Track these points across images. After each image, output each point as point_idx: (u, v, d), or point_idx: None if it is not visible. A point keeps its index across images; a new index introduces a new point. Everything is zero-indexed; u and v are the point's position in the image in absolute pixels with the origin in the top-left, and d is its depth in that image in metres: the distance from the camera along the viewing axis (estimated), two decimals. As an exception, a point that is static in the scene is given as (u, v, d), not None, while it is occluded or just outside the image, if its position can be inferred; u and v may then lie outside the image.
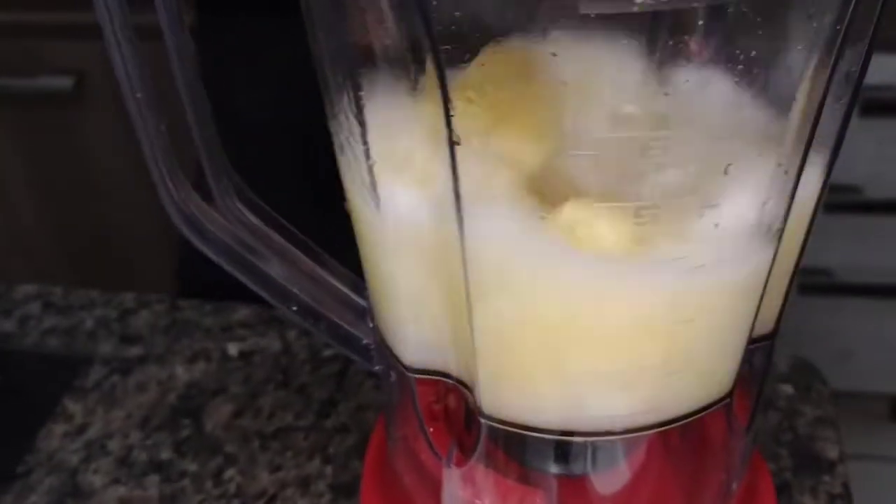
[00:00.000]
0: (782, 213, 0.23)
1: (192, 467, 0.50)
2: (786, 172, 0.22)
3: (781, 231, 0.23)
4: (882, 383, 1.30)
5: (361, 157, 0.23)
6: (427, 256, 0.24)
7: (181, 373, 0.55)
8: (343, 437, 0.51)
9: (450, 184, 0.21)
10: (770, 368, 0.28)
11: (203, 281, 0.61)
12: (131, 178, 0.89)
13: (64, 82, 0.99)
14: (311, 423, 0.52)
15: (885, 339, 1.24)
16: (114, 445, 0.51)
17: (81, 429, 0.52)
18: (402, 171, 0.22)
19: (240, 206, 0.28)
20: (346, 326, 0.31)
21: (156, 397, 0.54)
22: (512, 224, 0.21)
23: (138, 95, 0.25)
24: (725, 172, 0.21)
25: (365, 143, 0.22)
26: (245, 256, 0.29)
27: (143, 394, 0.54)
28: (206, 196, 0.28)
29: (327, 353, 0.56)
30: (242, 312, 0.59)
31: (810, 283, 1.12)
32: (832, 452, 0.49)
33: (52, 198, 1.05)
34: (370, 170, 0.23)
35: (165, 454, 0.51)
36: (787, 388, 0.53)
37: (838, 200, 1.01)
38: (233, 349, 0.57)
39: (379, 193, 0.23)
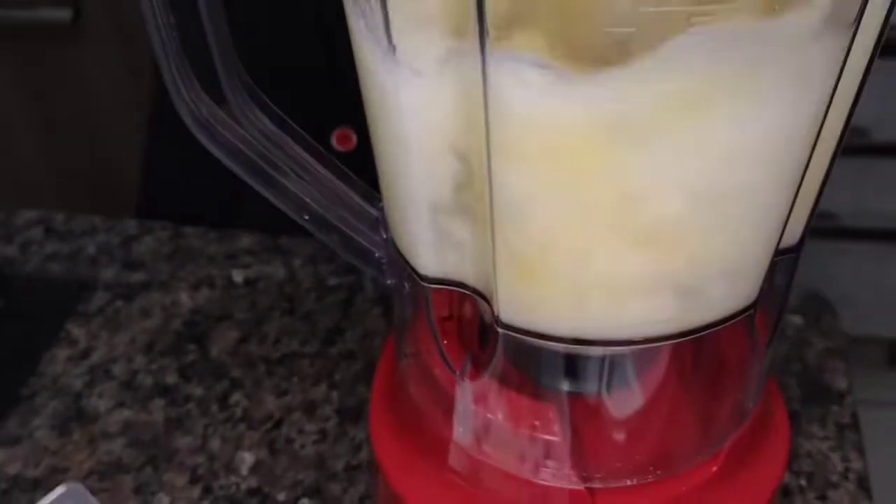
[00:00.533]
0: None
1: (198, 391, 0.49)
2: None
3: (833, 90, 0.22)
4: (881, 328, 1.30)
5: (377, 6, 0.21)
6: (446, 133, 0.23)
7: (185, 299, 0.55)
8: (349, 364, 0.51)
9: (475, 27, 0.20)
10: (792, 283, 0.28)
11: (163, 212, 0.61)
12: (130, 110, 0.88)
13: (62, 14, 0.97)
14: (317, 349, 0.51)
15: (886, 284, 1.24)
16: (118, 370, 0.51)
17: (85, 353, 0.52)
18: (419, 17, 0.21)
19: (253, 108, 0.27)
20: (358, 239, 0.30)
21: (160, 323, 0.53)
22: (538, 78, 0.20)
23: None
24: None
25: None
26: (257, 162, 0.28)
27: (147, 319, 0.54)
28: (219, 100, 0.27)
29: (333, 281, 0.56)
30: (247, 240, 0.59)
31: (813, 227, 1.11)
32: (841, 383, 0.49)
33: (51, 130, 1.04)
34: (386, 19, 0.21)
35: (170, 378, 0.50)
36: (797, 319, 0.52)
37: (844, 143, 1.01)
38: (238, 276, 0.56)
39: (395, 45, 0.22)
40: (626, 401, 0.31)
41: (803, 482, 0.45)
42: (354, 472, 0.45)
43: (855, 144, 1.09)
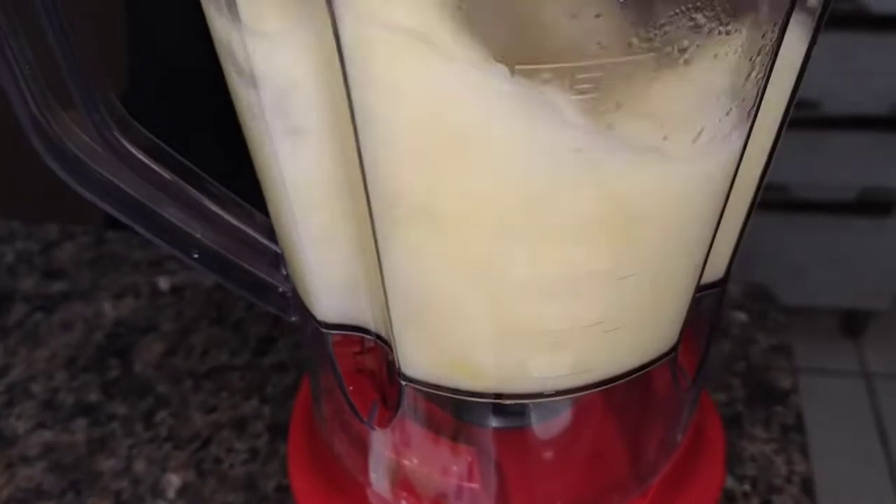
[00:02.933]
0: (752, 100, 0.19)
1: (122, 410, 0.47)
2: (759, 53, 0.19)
3: (749, 131, 0.20)
4: (833, 298, 1.31)
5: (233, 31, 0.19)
6: (325, 173, 0.21)
7: (108, 309, 0.52)
8: (281, 376, 0.48)
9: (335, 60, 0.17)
10: (719, 318, 0.26)
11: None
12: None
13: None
14: (248, 361, 0.49)
15: (837, 255, 1.24)
16: (38, 388, 0.48)
17: (2, 371, 0.49)
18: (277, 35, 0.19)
19: (123, 141, 0.24)
20: (258, 274, 0.28)
21: (82, 336, 0.51)
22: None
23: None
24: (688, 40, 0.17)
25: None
26: (135, 198, 0.25)
27: (68, 332, 0.51)
28: (86, 131, 0.24)
29: (240, 294, 0.53)
30: (174, 244, 0.56)
31: (765, 199, 1.11)
32: (785, 382, 0.48)
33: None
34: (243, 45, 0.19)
35: (93, 396, 0.48)
36: (741, 315, 0.51)
37: (794, 115, 1.00)
38: (163, 283, 0.53)
39: (256, 75, 0.19)
40: (551, 436, 0.29)
41: (747, 487, 0.44)
42: (285, 493, 0.43)
43: (806, 117, 1.08)
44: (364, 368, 0.29)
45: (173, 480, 0.44)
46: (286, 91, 0.19)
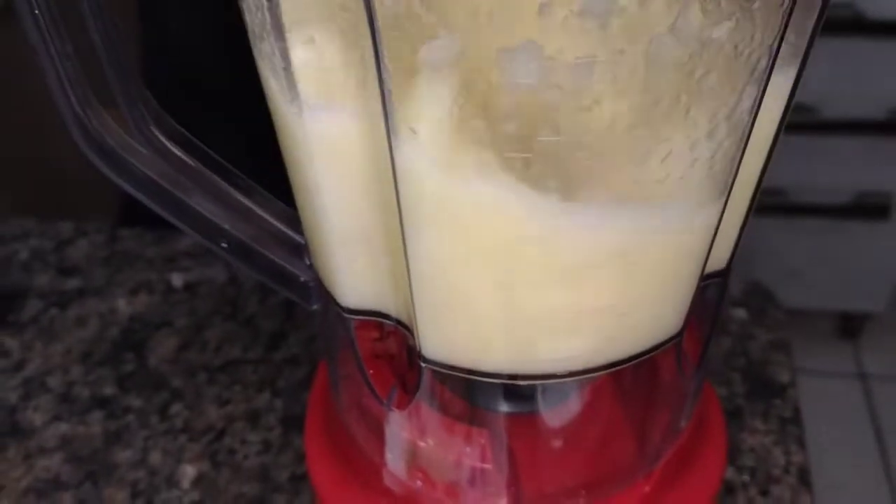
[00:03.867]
0: (739, 141, 0.21)
1: (137, 403, 0.48)
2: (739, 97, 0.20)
3: (738, 163, 0.22)
4: (829, 300, 1.33)
5: (277, 53, 0.20)
6: (356, 176, 0.22)
7: (123, 305, 0.53)
8: (293, 370, 0.50)
9: (376, 91, 0.19)
10: (722, 306, 0.27)
11: (146, 212, 0.59)
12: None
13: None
14: (260, 355, 0.50)
15: (833, 257, 1.26)
16: (54, 382, 0.49)
17: (19, 365, 0.50)
18: (322, 67, 0.20)
19: (159, 135, 0.26)
20: (282, 263, 0.29)
21: (97, 331, 0.52)
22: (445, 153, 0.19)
23: (36, 12, 0.23)
24: (678, 100, 0.19)
25: (282, 38, 0.20)
26: (169, 190, 0.26)
27: (83, 328, 0.52)
28: (123, 126, 0.26)
29: (265, 282, 0.54)
30: (187, 242, 0.57)
31: (762, 202, 1.13)
32: (784, 376, 0.49)
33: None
34: (286, 65, 0.20)
35: (109, 390, 0.49)
36: (741, 312, 0.53)
37: (792, 120, 1.02)
38: (177, 280, 0.55)
39: (300, 94, 0.21)
40: (559, 421, 0.30)
41: (746, 477, 0.45)
42: (299, 483, 0.44)
43: (803, 121, 1.10)
44: (381, 353, 0.30)
45: (188, 471, 0.45)
46: (324, 99, 0.21)
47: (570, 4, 0.17)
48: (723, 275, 0.27)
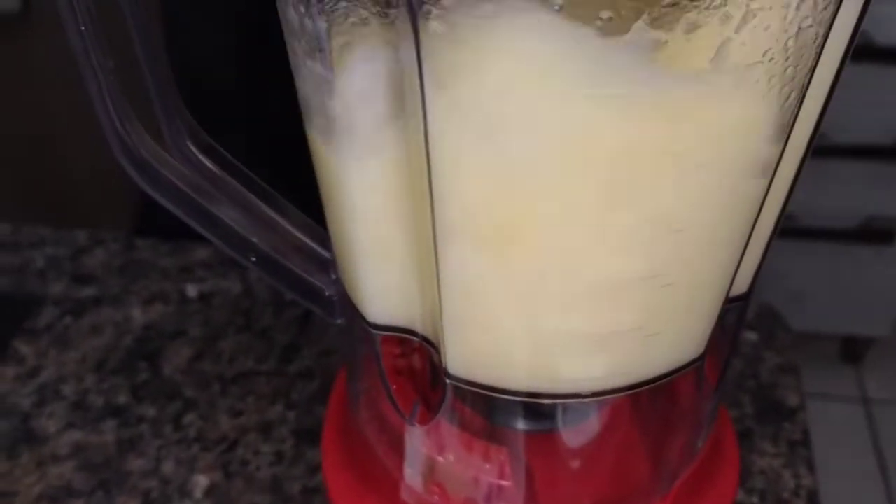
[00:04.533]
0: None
1: (151, 412, 0.49)
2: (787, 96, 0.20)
3: (774, 171, 0.22)
4: (834, 324, 1.33)
5: (320, 69, 0.20)
6: (392, 194, 0.22)
7: (138, 315, 0.54)
8: (306, 383, 0.50)
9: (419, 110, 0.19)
10: (741, 329, 0.28)
11: (163, 223, 0.59)
12: (82, 108, 0.85)
13: (10, 4, 0.94)
14: (274, 367, 0.51)
15: (838, 281, 1.26)
16: (68, 389, 0.50)
17: (33, 372, 0.51)
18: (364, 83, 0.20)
19: (194, 149, 0.26)
20: (307, 278, 0.30)
21: (111, 340, 0.52)
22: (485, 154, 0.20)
23: (83, 28, 0.23)
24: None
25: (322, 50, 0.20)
26: (201, 204, 0.27)
27: (97, 336, 0.53)
28: (158, 139, 0.26)
29: (290, 296, 0.55)
30: (202, 252, 0.58)
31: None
32: (793, 399, 0.50)
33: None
34: (328, 83, 0.21)
35: (122, 398, 0.49)
36: (751, 335, 0.53)
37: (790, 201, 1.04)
38: (192, 291, 0.55)
39: (337, 110, 0.21)
40: (578, 440, 0.31)
41: (756, 500, 0.45)
42: (311, 496, 0.45)
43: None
44: (403, 369, 0.31)
45: (201, 481, 0.46)
46: (360, 116, 0.21)
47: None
48: (744, 299, 0.27)
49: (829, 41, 0.21)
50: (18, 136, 1.00)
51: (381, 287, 0.26)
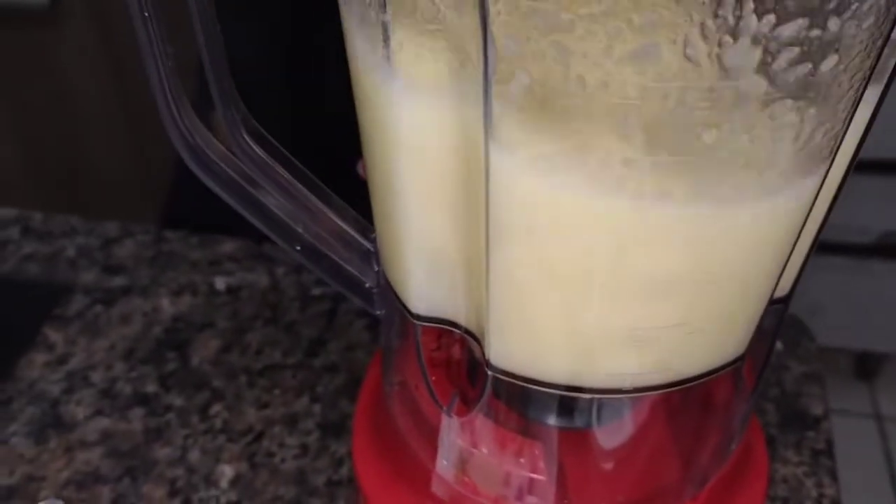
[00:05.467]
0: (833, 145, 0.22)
1: (178, 401, 0.49)
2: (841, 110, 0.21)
3: (830, 164, 0.22)
4: (850, 340, 1.33)
5: (379, 24, 0.21)
6: (444, 176, 0.23)
7: (167, 305, 0.54)
8: (332, 377, 0.50)
9: (479, 110, 0.20)
10: (779, 332, 0.28)
11: (190, 218, 0.60)
12: (110, 101, 0.86)
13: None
14: (300, 361, 0.51)
15: (853, 296, 1.26)
16: (97, 377, 0.50)
17: (63, 359, 0.51)
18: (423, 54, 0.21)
19: (246, 137, 0.27)
20: (349, 268, 0.30)
21: (140, 329, 0.53)
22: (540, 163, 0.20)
23: (146, 14, 0.24)
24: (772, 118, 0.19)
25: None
26: (250, 191, 0.27)
27: (127, 325, 0.53)
28: (209, 127, 0.27)
29: (316, 290, 0.55)
30: (230, 246, 0.58)
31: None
32: (817, 408, 0.50)
33: (27, 121, 1.01)
34: (386, 38, 0.21)
35: (150, 387, 0.50)
36: (777, 344, 0.53)
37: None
38: (220, 283, 0.56)
39: (398, 70, 0.21)
40: (612, 437, 0.31)
41: (778, 507, 0.45)
42: (335, 488, 0.45)
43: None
44: (439, 362, 0.31)
45: (226, 471, 0.46)
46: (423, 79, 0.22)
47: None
48: (784, 301, 0.27)
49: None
50: (47, 129, 1.01)
51: (426, 277, 0.26)
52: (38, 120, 1.00)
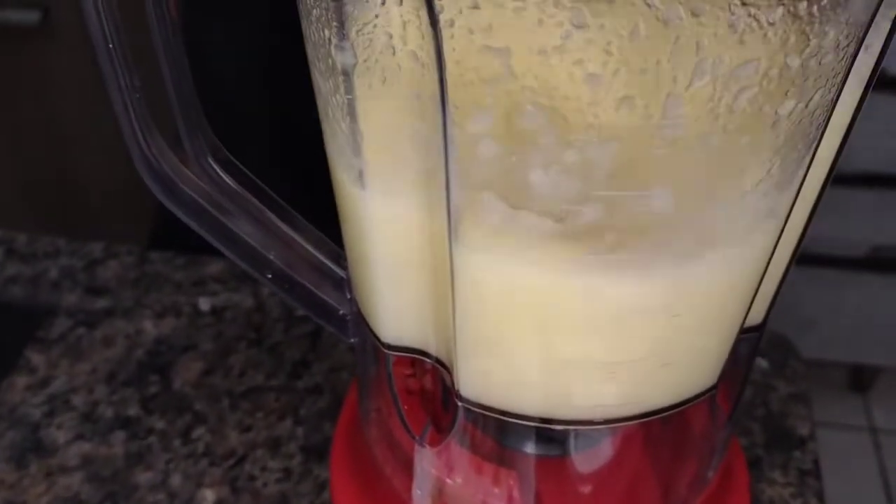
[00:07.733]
0: (791, 196, 0.22)
1: (160, 425, 0.49)
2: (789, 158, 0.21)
3: (787, 216, 0.22)
4: (842, 353, 1.33)
5: (347, 132, 0.21)
6: (413, 238, 0.23)
7: (150, 327, 0.54)
8: (315, 399, 0.50)
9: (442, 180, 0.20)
10: (754, 359, 0.28)
11: (176, 237, 0.59)
12: (100, 120, 0.86)
13: (30, 16, 0.95)
14: (283, 383, 0.51)
15: (846, 309, 1.26)
16: (78, 400, 0.50)
17: (45, 382, 0.51)
18: (392, 154, 0.21)
19: (214, 165, 0.27)
20: (322, 296, 0.30)
21: (123, 352, 0.52)
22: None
23: (111, 45, 0.24)
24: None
25: (352, 117, 0.21)
26: (219, 219, 0.27)
27: (109, 348, 0.53)
28: (179, 154, 0.27)
29: (301, 312, 0.55)
30: (215, 267, 0.58)
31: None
32: (804, 429, 0.49)
33: (15, 140, 1.01)
34: (357, 146, 0.21)
35: (132, 411, 0.49)
36: (762, 363, 0.53)
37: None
38: (204, 304, 0.55)
39: (365, 177, 0.22)
40: (589, 466, 0.31)
41: (764, 529, 0.45)
42: (317, 513, 0.45)
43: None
44: (414, 390, 0.31)
45: (208, 496, 0.46)
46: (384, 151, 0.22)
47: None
48: (758, 330, 0.27)
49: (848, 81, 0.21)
50: (36, 148, 1.01)
51: (396, 308, 0.26)
52: (26, 138, 1.00)
